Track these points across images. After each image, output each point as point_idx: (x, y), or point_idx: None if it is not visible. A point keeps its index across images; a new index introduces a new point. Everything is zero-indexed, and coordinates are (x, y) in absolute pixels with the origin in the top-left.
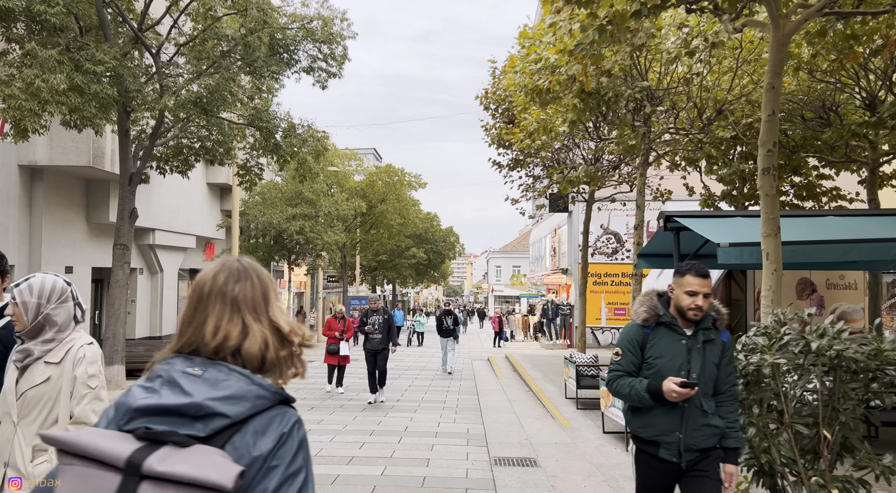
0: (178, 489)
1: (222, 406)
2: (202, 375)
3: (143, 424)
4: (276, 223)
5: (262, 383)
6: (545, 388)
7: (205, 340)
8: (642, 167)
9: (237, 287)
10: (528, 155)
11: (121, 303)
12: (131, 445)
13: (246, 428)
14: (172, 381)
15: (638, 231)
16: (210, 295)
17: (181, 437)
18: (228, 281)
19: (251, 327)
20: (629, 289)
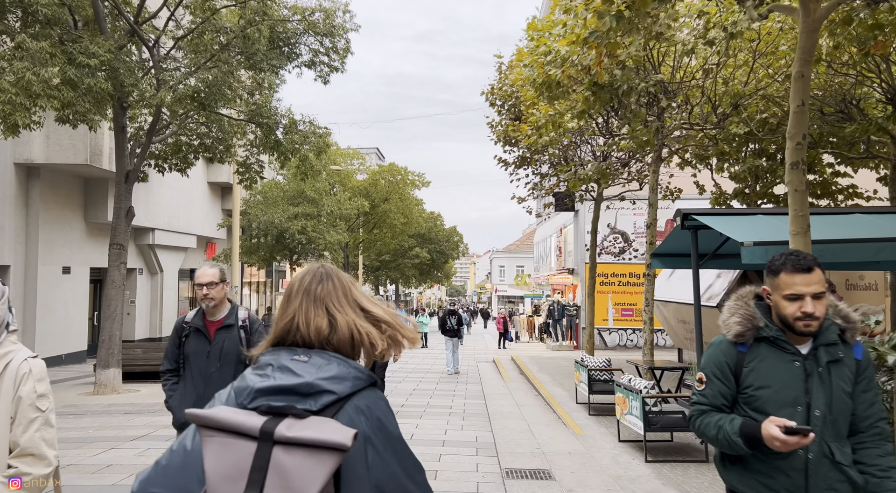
0: (305, 451)
1: (329, 384)
2: (308, 360)
3: (265, 402)
4: (277, 223)
5: (357, 367)
6: (554, 392)
7: (300, 331)
8: (655, 164)
9: (320, 287)
10: (536, 152)
11: (117, 304)
12: (259, 418)
13: (349, 404)
14: (283, 367)
15: (651, 230)
16: (297, 294)
17: (299, 410)
18: (312, 282)
19: (336, 318)
20: (637, 289)
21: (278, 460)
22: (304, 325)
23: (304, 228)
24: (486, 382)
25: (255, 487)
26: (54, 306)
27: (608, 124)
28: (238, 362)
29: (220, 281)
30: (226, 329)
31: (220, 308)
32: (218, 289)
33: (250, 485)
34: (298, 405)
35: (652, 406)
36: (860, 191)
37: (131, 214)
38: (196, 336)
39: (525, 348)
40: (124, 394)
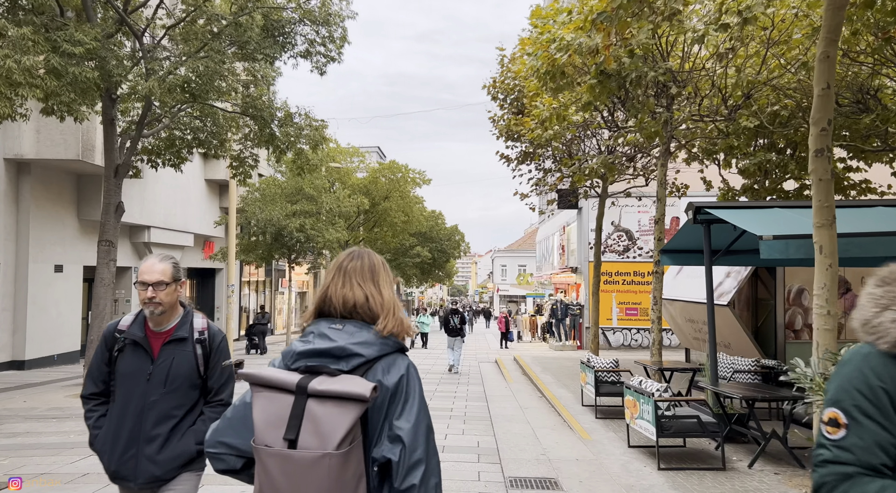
0: (333, 402)
1: (359, 349)
2: (343, 328)
3: (304, 363)
4: (275, 220)
5: (386, 336)
6: (559, 394)
7: (332, 302)
8: (663, 157)
9: (350, 264)
10: (539, 146)
11: (106, 302)
12: (297, 376)
13: (376, 366)
14: (322, 334)
15: (659, 225)
16: (332, 270)
17: (331, 369)
18: (345, 260)
19: (356, 288)
20: (641, 288)
21: (311, 409)
22: (334, 296)
23: (302, 226)
24: (488, 383)
25: (293, 431)
26: (46, 305)
27: (613, 117)
28: (191, 387)
29: (173, 281)
30: (176, 344)
31: (168, 316)
32: (168, 291)
33: (289, 430)
34: (332, 366)
35: (665, 410)
36: (873, 186)
37: (121, 209)
38: (133, 351)
39: (528, 347)
40: None
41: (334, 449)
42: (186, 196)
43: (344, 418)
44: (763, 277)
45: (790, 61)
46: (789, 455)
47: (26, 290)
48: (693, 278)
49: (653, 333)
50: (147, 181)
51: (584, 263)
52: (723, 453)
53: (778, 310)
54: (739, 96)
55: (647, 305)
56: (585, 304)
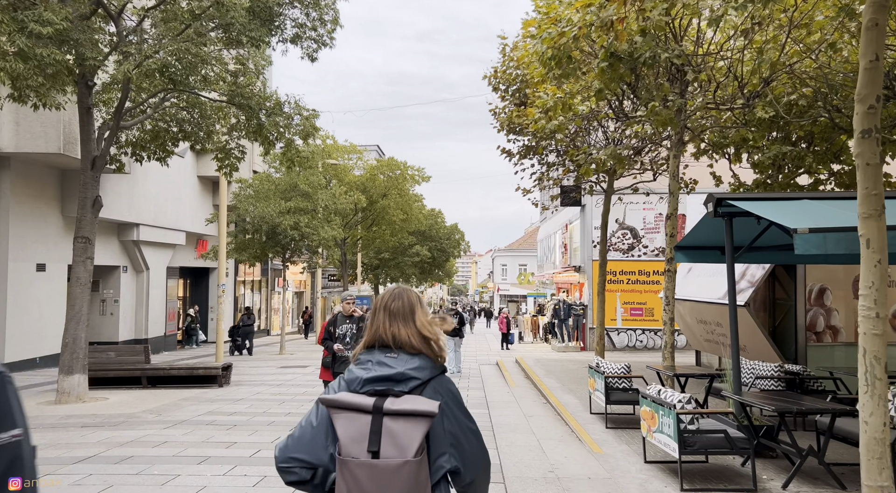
0: (406, 418)
1: (415, 373)
2: (397, 357)
3: (371, 387)
4: (268, 217)
5: (436, 360)
6: (565, 400)
7: (383, 337)
8: (676, 147)
9: (394, 304)
10: (543, 139)
11: (83, 303)
12: (370, 399)
13: (428, 386)
14: (380, 362)
15: (671, 221)
16: (380, 310)
17: (396, 391)
18: (389, 300)
19: (401, 329)
20: (647, 287)
21: (388, 426)
22: (385, 333)
23: (297, 223)
24: (489, 387)
25: (375, 444)
26: (27, 306)
27: (622, 106)
28: None
29: None
30: None
31: None
32: None
33: (371, 443)
34: (396, 388)
35: (688, 424)
36: (893, 181)
37: (98, 204)
38: None
39: (529, 349)
40: (89, 403)
41: (413, 457)
42: (178, 193)
43: (417, 431)
44: (780, 276)
45: (810, 46)
46: (828, 474)
47: (5, 290)
48: (705, 276)
49: (665, 335)
50: (136, 177)
51: (588, 261)
52: (753, 471)
53: (798, 311)
54: (757, 83)
55: (653, 305)
56: (589, 304)
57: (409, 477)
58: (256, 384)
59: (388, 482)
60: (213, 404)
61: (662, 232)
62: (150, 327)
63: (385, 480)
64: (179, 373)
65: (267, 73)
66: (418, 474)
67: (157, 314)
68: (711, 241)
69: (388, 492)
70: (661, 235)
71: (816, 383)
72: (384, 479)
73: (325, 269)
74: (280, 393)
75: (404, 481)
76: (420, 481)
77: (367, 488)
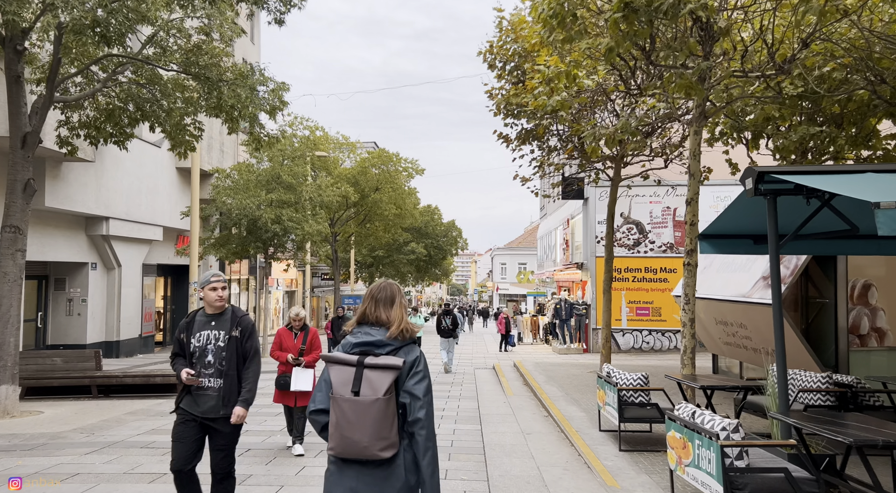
0: (379, 370)
1: (390, 342)
2: (379, 331)
3: (358, 349)
4: (248, 210)
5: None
6: (569, 413)
7: (369, 318)
8: (697, 122)
9: (380, 294)
10: (544, 116)
11: (11, 302)
12: (356, 357)
13: (399, 351)
14: (367, 333)
15: (691, 207)
16: (368, 297)
17: (375, 353)
18: (377, 291)
19: (382, 313)
20: (654, 286)
21: (366, 374)
22: (371, 315)
23: (279, 216)
24: (484, 396)
25: (356, 386)
26: None
27: (634, 76)
28: None
29: None
30: None
31: None
32: None
33: (354, 386)
34: (376, 351)
35: (735, 459)
36: None
37: (31, 188)
38: None
39: (529, 350)
40: (18, 418)
41: (382, 396)
42: (154, 185)
43: (386, 378)
44: (811, 271)
45: (853, 7)
46: None
47: None
48: (728, 271)
49: (684, 338)
50: (104, 167)
51: (591, 258)
52: None
53: (839, 311)
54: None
55: (660, 304)
56: (592, 303)
57: (379, 410)
58: None
59: (364, 412)
60: (161, 419)
61: (670, 227)
62: (122, 329)
63: (362, 411)
64: (134, 382)
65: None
66: (386, 408)
67: (131, 315)
68: (742, 228)
69: (364, 420)
70: (668, 229)
71: (872, 398)
72: (361, 410)
73: (316, 267)
74: None
75: (375, 412)
76: (388, 413)
77: (350, 417)
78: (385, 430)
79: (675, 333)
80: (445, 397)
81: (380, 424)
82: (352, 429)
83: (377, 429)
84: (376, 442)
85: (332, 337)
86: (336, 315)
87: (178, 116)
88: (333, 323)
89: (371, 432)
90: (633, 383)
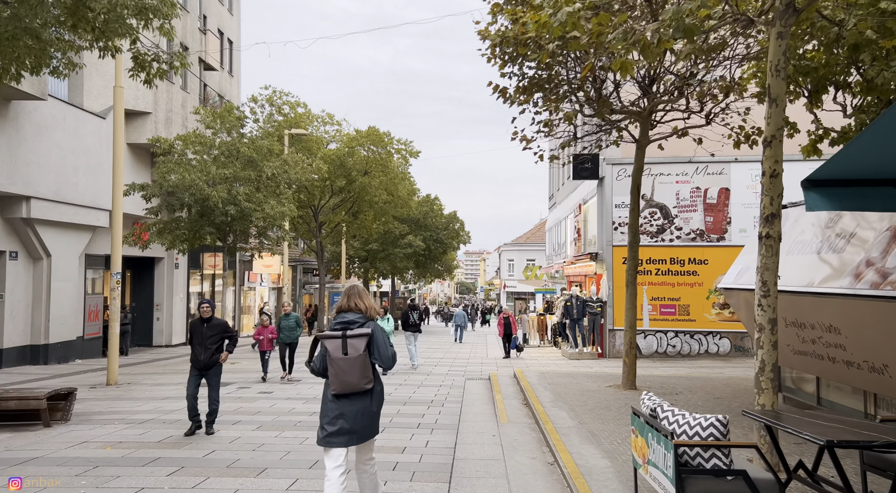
0: (357, 337)
1: (361, 320)
2: (354, 314)
3: (340, 326)
4: (195, 188)
5: (369, 317)
6: (585, 460)
7: (346, 307)
8: (782, 19)
9: (351, 291)
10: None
11: None
12: (339, 331)
13: (366, 325)
14: (343, 316)
15: (772, 148)
16: (345, 294)
17: (352, 328)
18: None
19: (355, 302)
20: (680, 279)
21: (349, 341)
22: (347, 304)
23: (233, 195)
24: (467, 424)
25: (345, 350)
26: None
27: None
28: None
29: None
30: None
31: None
32: None
33: (342, 350)
34: (351, 327)
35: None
36: None
37: None
38: None
39: (534, 355)
40: None
41: (361, 353)
42: (98, 162)
43: (362, 342)
44: None
45: None
46: None
47: None
48: (803, 252)
49: (762, 348)
50: (21, 136)
51: (608, 247)
52: None
53: None
54: None
55: (688, 300)
56: (609, 299)
57: (361, 361)
58: (108, 423)
59: (352, 364)
60: None
61: (700, 210)
62: (52, 330)
63: (351, 363)
64: None
65: None
66: (365, 359)
67: (66, 314)
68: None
69: (353, 368)
70: (698, 214)
71: None
72: (350, 363)
73: (305, 261)
74: (129, 440)
75: (359, 363)
76: (367, 363)
77: (344, 368)
78: (367, 372)
79: (707, 335)
80: (414, 425)
81: (363, 369)
82: (346, 375)
83: (362, 373)
84: (362, 380)
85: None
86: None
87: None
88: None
89: (358, 375)
90: (703, 435)
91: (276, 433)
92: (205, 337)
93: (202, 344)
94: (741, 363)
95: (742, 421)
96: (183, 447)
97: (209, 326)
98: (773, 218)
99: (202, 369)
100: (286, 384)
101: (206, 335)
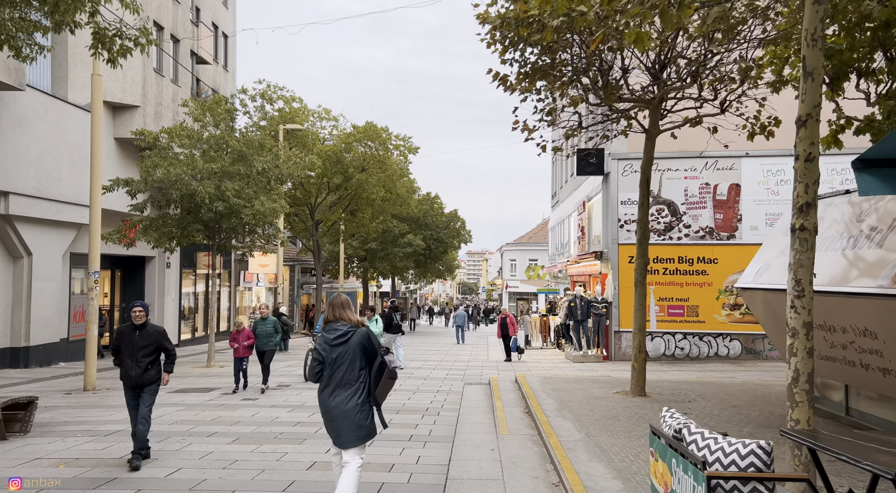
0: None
1: (350, 330)
2: (341, 325)
3: (333, 339)
4: (180, 183)
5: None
6: (594, 481)
7: (333, 317)
8: None
9: (335, 301)
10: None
11: None
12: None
13: (357, 332)
14: (337, 327)
15: (808, 129)
16: (329, 305)
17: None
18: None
19: (340, 314)
20: (688, 279)
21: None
22: (332, 316)
23: (221, 191)
24: (464, 437)
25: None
26: None
27: None
28: None
29: None
30: None
31: None
32: None
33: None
34: (342, 338)
35: None
36: None
37: None
38: None
39: (537, 358)
40: None
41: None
42: (81, 157)
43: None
44: None
45: None
46: None
47: None
48: (831, 249)
49: (796, 356)
50: (0, 127)
51: (613, 246)
52: None
53: None
54: None
55: (697, 301)
56: (615, 300)
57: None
58: (71, 435)
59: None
60: None
61: (710, 207)
62: (33, 332)
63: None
64: None
65: None
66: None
67: (48, 315)
68: None
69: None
70: (707, 211)
71: None
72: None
73: (303, 260)
74: (88, 456)
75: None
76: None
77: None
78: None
79: (716, 337)
80: (406, 437)
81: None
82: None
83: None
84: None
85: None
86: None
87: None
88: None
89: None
90: (741, 464)
91: (252, 447)
92: (136, 348)
93: (133, 357)
94: (753, 367)
95: (763, 434)
96: (145, 464)
97: (142, 334)
98: (808, 208)
99: (134, 388)
100: (275, 390)
101: (139, 345)
